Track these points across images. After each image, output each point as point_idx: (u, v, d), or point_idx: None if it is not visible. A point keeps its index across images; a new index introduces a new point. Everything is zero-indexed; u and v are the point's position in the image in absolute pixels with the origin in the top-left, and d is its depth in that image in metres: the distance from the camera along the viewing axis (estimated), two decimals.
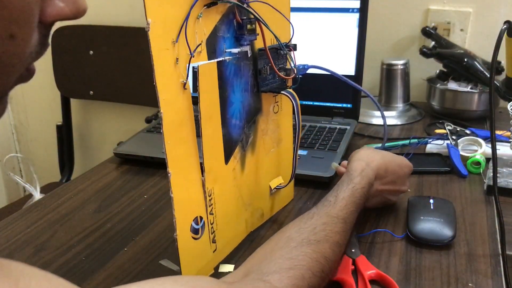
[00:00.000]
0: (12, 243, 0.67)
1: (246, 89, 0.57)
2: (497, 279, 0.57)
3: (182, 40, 0.47)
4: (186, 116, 0.49)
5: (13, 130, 1.88)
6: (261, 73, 0.60)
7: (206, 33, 0.51)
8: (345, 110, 1.03)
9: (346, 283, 0.56)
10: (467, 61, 1.10)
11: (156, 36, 0.44)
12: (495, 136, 0.64)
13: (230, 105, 0.55)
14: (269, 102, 0.63)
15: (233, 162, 0.56)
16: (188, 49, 0.48)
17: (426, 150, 0.94)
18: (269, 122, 0.63)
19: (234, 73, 0.55)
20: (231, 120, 0.55)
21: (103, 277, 0.59)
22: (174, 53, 0.46)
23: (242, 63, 0.56)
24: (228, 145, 0.55)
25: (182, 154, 0.49)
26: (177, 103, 0.47)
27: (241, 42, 0.55)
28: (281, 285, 0.46)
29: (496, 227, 0.68)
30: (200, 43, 0.49)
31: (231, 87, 0.54)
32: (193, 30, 0.49)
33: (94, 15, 1.58)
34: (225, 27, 0.53)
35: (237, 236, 0.59)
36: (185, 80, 0.48)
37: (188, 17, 0.47)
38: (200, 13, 0.49)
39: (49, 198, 0.81)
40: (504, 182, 0.79)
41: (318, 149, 0.90)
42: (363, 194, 0.61)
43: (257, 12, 0.56)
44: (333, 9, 1.02)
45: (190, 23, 0.48)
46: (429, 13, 1.26)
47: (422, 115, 1.18)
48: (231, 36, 0.54)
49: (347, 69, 1.01)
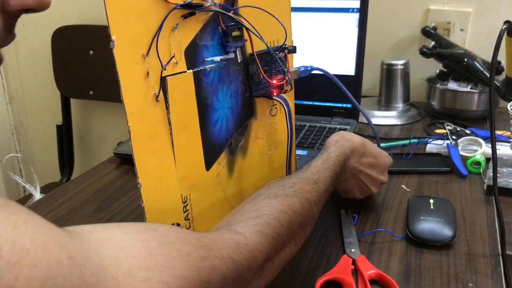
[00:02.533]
0: None
1: (235, 94, 0.57)
2: (497, 279, 0.57)
3: (153, 54, 0.47)
4: (160, 128, 0.49)
5: (13, 130, 1.88)
6: (254, 78, 0.59)
7: (183, 44, 0.50)
8: (345, 110, 1.03)
9: (346, 283, 0.56)
10: (467, 61, 1.10)
11: (122, 52, 0.44)
12: (495, 136, 0.64)
13: (213, 112, 0.54)
14: (265, 105, 0.62)
15: (216, 168, 0.56)
16: (159, 62, 0.47)
17: (426, 150, 0.94)
18: (265, 126, 0.63)
19: (219, 80, 0.54)
20: (215, 126, 0.55)
21: None
22: (144, 67, 0.46)
23: (230, 69, 0.55)
24: (211, 151, 0.54)
25: (155, 164, 0.49)
26: (149, 115, 0.47)
27: (227, 49, 0.54)
28: (246, 231, 0.45)
29: (496, 227, 0.68)
30: (173, 55, 0.49)
31: (214, 95, 0.54)
32: (168, 42, 0.48)
33: (94, 15, 1.58)
34: (208, 35, 0.52)
35: None
36: (157, 92, 0.47)
37: (159, 31, 0.47)
38: (176, 24, 0.49)
39: (49, 198, 0.81)
40: (504, 182, 0.79)
41: (318, 149, 0.90)
42: (338, 162, 0.60)
43: (244, 18, 0.55)
44: (333, 9, 1.02)
45: (164, 35, 0.48)
46: (429, 13, 1.26)
47: (422, 115, 1.18)
48: (215, 43, 0.53)
49: (347, 69, 1.01)
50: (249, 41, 0.56)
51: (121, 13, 0.44)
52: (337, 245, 0.64)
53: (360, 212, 0.72)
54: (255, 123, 0.61)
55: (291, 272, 0.59)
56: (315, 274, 0.58)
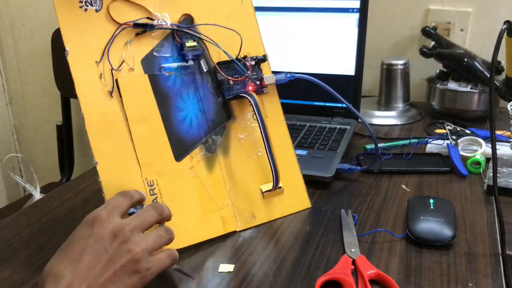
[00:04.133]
0: (12, 243, 0.67)
1: (205, 98, 0.66)
2: (497, 279, 0.57)
3: (106, 61, 0.60)
4: (116, 118, 0.59)
5: (13, 130, 1.88)
6: (224, 84, 0.67)
7: (139, 55, 0.62)
8: (345, 110, 1.03)
9: (346, 283, 0.56)
10: (467, 61, 1.10)
11: (75, 60, 0.58)
12: (495, 136, 0.64)
13: (178, 110, 0.64)
14: (244, 110, 0.68)
15: (190, 161, 0.62)
16: (110, 71, 0.60)
17: (426, 150, 0.94)
18: (247, 128, 0.68)
19: (182, 84, 0.64)
20: (182, 124, 0.63)
21: None
22: (98, 70, 0.59)
23: (196, 77, 0.66)
24: (179, 145, 0.62)
25: (111, 147, 0.58)
26: (103, 107, 0.58)
27: (186, 58, 0.65)
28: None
29: (496, 227, 0.68)
30: (123, 61, 0.61)
31: (177, 96, 0.64)
32: (120, 53, 0.61)
33: None
34: (166, 48, 0.64)
35: (206, 230, 0.61)
36: (111, 89, 0.59)
37: (110, 46, 0.60)
38: (130, 40, 0.61)
39: (49, 198, 0.81)
40: (504, 182, 0.79)
41: (318, 149, 0.90)
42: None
43: (204, 35, 0.66)
44: (333, 9, 1.02)
45: (117, 48, 0.60)
46: (429, 13, 1.27)
47: (422, 115, 1.18)
48: (176, 54, 0.65)
49: (347, 69, 1.01)
50: (212, 53, 0.67)
51: (73, 29, 0.58)
52: (337, 245, 0.64)
53: (360, 212, 0.72)
54: (233, 124, 0.68)
55: (291, 271, 0.59)
56: (315, 274, 0.58)
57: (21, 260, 0.63)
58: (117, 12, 0.61)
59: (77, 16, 0.59)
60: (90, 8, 0.60)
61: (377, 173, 0.85)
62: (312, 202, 0.75)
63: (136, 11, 0.63)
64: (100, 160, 0.57)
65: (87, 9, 0.60)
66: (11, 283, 0.58)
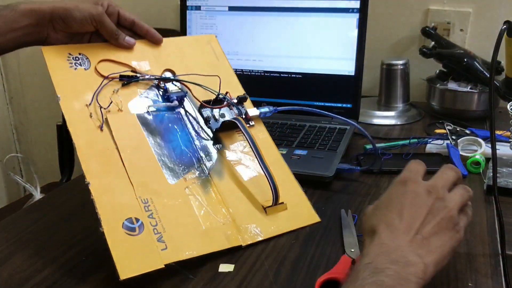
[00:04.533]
0: (12, 243, 0.67)
1: (195, 131, 0.72)
2: (497, 279, 0.57)
3: (96, 103, 0.66)
4: (106, 146, 0.64)
5: (13, 130, 1.88)
6: (210, 119, 0.73)
7: (127, 100, 0.68)
8: (345, 110, 1.03)
9: None
10: (467, 61, 1.10)
11: (66, 104, 0.64)
12: (495, 136, 0.64)
13: (167, 141, 0.69)
14: (233, 140, 0.74)
15: (183, 183, 0.66)
16: (100, 110, 0.66)
17: (426, 150, 0.95)
18: (238, 156, 0.73)
19: (170, 121, 0.71)
20: (173, 152, 0.68)
21: (103, 277, 0.59)
22: (88, 111, 0.65)
23: (183, 116, 0.73)
24: (171, 169, 0.66)
25: (103, 170, 0.62)
26: (93, 138, 0.63)
27: (171, 99, 0.72)
28: None
29: (496, 227, 0.68)
30: (110, 102, 0.67)
31: (166, 130, 0.69)
32: (109, 98, 0.67)
33: None
34: (152, 94, 0.72)
35: (209, 243, 0.62)
36: (101, 125, 0.65)
37: (98, 92, 0.67)
38: (117, 88, 0.69)
39: (49, 198, 0.81)
40: (504, 182, 0.79)
41: (318, 149, 0.90)
42: None
43: (187, 81, 0.74)
44: (333, 9, 1.02)
45: (106, 95, 0.67)
46: (429, 13, 1.27)
47: (422, 115, 1.19)
48: (161, 98, 0.72)
49: (347, 69, 1.02)
50: (195, 94, 0.74)
51: (64, 83, 0.66)
52: (337, 245, 0.64)
53: (360, 212, 0.72)
54: (225, 153, 0.72)
55: (291, 271, 0.59)
56: (315, 274, 0.58)
57: (21, 260, 0.63)
58: (105, 69, 0.69)
59: (67, 74, 0.67)
60: (80, 68, 0.68)
61: (377, 173, 0.85)
62: (312, 202, 0.75)
63: (122, 68, 0.71)
64: (93, 181, 0.60)
65: (77, 68, 0.68)
66: (11, 283, 0.59)
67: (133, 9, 1.54)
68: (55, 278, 0.59)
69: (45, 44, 0.69)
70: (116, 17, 0.72)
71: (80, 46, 0.70)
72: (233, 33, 1.08)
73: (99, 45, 0.72)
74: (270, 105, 0.79)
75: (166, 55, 0.76)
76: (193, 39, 0.84)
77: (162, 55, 0.76)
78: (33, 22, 0.67)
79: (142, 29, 0.74)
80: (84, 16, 0.67)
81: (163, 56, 0.76)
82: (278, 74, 1.06)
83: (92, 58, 0.70)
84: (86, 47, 0.71)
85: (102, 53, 0.71)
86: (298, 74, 1.05)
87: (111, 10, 0.71)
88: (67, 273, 0.60)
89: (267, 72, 1.07)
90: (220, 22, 1.09)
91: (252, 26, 1.07)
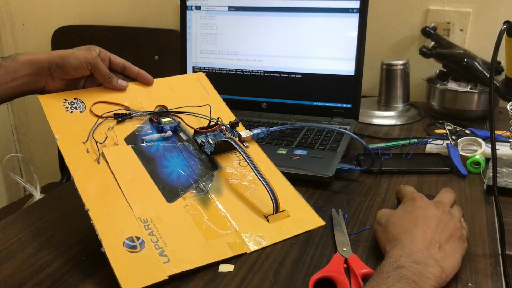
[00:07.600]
0: (12, 243, 0.67)
1: (189, 157, 0.74)
2: (497, 279, 0.57)
3: (92, 140, 0.69)
4: (104, 178, 0.65)
5: (13, 130, 1.88)
6: (204, 144, 0.76)
7: (122, 135, 0.71)
8: (345, 110, 1.03)
9: (340, 281, 0.56)
10: (467, 61, 1.10)
11: (64, 142, 0.67)
12: (495, 136, 0.64)
13: (164, 167, 0.71)
14: (229, 161, 0.76)
15: (182, 202, 0.67)
16: (95, 145, 0.68)
17: (426, 150, 0.95)
18: (235, 174, 0.74)
19: (165, 150, 0.73)
20: (169, 176, 0.70)
21: (104, 277, 0.59)
22: (85, 147, 0.68)
23: (178, 144, 0.75)
24: (169, 191, 0.68)
25: (101, 197, 0.63)
26: (91, 170, 0.66)
27: (164, 130, 0.74)
28: None
29: (496, 227, 0.68)
30: (106, 137, 0.70)
31: (161, 158, 0.72)
32: (104, 135, 0.70)
33: (94, 15, 1.58)
34: (146, 129, 0.74)
35: (211, 254, 0.62)
36: (97, 158, 0.67)
37: (94, 130, 0.70)
38: (112, 125, 0.72)
39: (49, 198, 0.81)
40: (504, 182, 0.79)
41: (318, 149, 0.90)
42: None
43: (179, 112, 0.77)
44: (333, 9, 1.02)
45: (101, 132, 0.70)
46: (429, 13, 1.27)
47: (422, 115, 1.19)
48: (155, 131, 0.75)
49: (347, 69, 1.02)
50: (186, 123, 0.77)
51: (61, 125, 0.69)
52: (329, 244, 0.64)
53: (360, 212, 0.72)
54: (222, 172, 0.74)
55: (291, 271, 0.59)
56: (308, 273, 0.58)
57: (21, 260, 0.63)
58: (100, 110, 0.72)
59: (64, 117, 0.70)
60: (75, 111, 0.71)
61: (377, 173, 0.85)
62: (312, 202, 0.75)
63: (116, 107, 0.74)
64: (92, 207, 0.61)
65: (73, 111, 0.71)
66: (11, 283, 0.59)
67: (134, 9, 1.54)
68: (55, 278, 0.59)
69: (42, 92, 0.73)
70: (108, 62, 0.76)
71: (75, 92, 0.74)
72: (233, 33, 1.08)
73: (93, 89, 0.75)
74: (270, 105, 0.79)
75: (157, 93, 0.79)
76: (183, 78, 0.87)
77: (153, 94, 0.79)
78: (33, 71, 0.70)
79: (133, 71, 0.78)
80: (80, 61, 0.71)
81: (154, 94, 0.79)
82: (278, 74, 1.06)
83: (87, 102, 0.73)
84: (80, 92, 0.74)
85: (96, 96, 0.74)
86: (298, 74, 1.05)
87: (103, 56, 0.75)
88: (67, 273, 0.60)
89: (267, 72, 1.07)
90: (220, 22, 1.09)
91: (252, 26, 1.07)
